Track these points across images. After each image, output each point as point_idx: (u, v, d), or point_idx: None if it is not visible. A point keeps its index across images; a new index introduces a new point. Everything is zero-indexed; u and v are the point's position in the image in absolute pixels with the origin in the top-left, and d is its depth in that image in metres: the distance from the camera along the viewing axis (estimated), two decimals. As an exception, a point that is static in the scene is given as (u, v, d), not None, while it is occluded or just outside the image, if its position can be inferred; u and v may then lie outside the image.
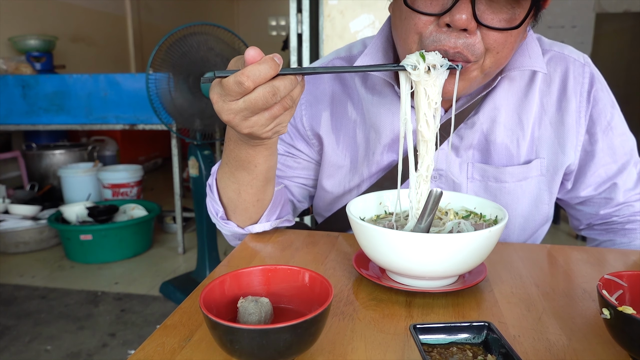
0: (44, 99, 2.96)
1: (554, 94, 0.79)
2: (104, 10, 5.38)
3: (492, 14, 0.62)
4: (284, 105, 0.55)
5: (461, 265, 0.55)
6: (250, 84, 0.51)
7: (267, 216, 0.79)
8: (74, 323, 2.18)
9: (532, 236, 0.86)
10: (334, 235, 0.81)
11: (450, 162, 0.81)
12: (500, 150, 0.79)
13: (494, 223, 0.62)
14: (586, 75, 0.79)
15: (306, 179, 0.91)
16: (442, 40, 0.63)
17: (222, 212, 0.79)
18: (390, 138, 0.82)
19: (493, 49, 0.64)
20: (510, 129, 0.79)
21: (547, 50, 0.80)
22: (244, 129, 0.56)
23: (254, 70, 0.51)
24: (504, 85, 0.78)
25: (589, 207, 0.88)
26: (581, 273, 0.66)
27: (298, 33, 2.15)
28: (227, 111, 0.55)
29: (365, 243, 0.59)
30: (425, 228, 0.56)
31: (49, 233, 3.05)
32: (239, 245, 0.77)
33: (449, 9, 0.61)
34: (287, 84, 0.53)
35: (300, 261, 0.70)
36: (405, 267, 0.56)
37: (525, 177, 0.80)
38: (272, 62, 0.51)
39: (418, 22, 0.65)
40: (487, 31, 0.63)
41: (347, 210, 0.62)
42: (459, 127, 0.79)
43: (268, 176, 0.73)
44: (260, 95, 0.52)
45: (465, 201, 0.69)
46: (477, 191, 0.81)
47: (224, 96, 0.54)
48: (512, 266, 0.68)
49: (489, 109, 0.78)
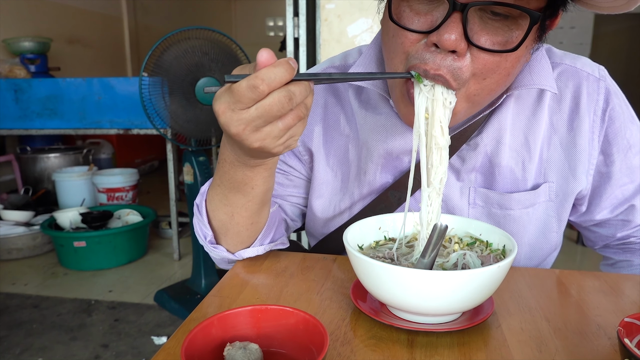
0: (37, 103, 2.91)
1: (565, 112, 0.73)
2: (99, 11, 5.33)
3: (487, 34, 0.55)
4: (298, 115, 0.49)
5: (467, 303, 0.51)
6: (265, 87, 0.46)
7: (261, 239, 0.74)
8: (67, 333, 2.14)
9: (539, 265, 0.81)
10: (330, 258, 0.77)
11: (451, 186, 0.75)
12: (505, 173, 0.73)
13: (502, 254, 0.58)
14: (601, 91, 0.72)
15: (299, 197, 0.86)
16: (426, 59, 0.56)
17: (210, 236, 0.74)
18: (384, 157, 0.76)
19: (479, 74, 0.57)
20: (515, 150, 0.72)
21: (558, 63, 0.73)
22: (254, 142, 0.50)
23: (269, 73, 0.46)
24: (510, 104, 0.72)
25: (605, 229, 0.82)
26: (594, 304, 0.62)
27: (295, 37, 2.11)
28: (237, 122, 0.48)
29: (363, 277, 0.55)
30: (429, 263, 0.52)
31: (42, 239, 3.00)
32: (230, 272, 0.73)
33: (437, 26, 0.54)
34: (302, 89, 0.48)
35: (294, 290, 0.66)
36: (407, 304, 0.52)
37: (532, 204, 0.74)
38: (287, 65, 0.46)
39: (405, 40, 0.59)
40: (478, 53, 0.56)
41: (344, 240, 0.57)
42: (460, 148, 0.72)
43: (265, 199, 0.68)
44: (276, 101, 0.47)
45: (470, 227, 0.65)
46: (479, 218, 0.75)
47: (233, 104, 0.48)
48: (520, 296, 0.64)
49: (494, 129, 0.72)
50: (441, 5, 0.55)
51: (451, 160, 0.74)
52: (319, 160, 0.81)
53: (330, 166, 0.81)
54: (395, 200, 0.76)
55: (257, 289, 0.66)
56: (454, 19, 0.53)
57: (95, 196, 3.47)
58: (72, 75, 4.41)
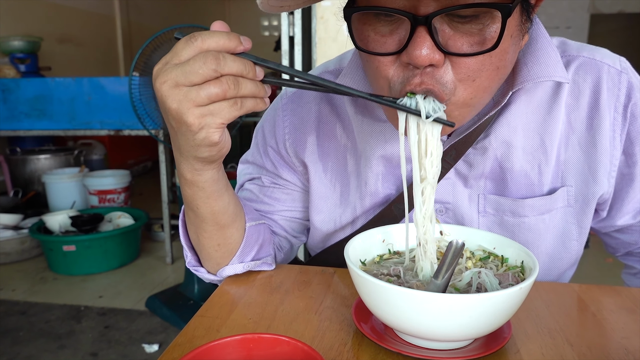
0: (25, 103, 2.83)
1: (584, 109, 0.66)
2: (91, 10, 5.24)
3: (461, 39, 0.50)
4: (223, 88, 0.46)
5: (484, 328, 0.46)
6: (199, 42, 0.46)
7: (240, 257, 0.68)
8: (55, 341, 2.07)
9: (558, 279, 0.75)
10: (329, 272, 0.71)
11: (458, 194, 0.69)
12: (519, 178, 0.67)
13: (521, 272, 0.52)
14: (623, 84, 0.65)
15: (299, 211, 0.80)
16: (409, 80, 0.52)
17: (190, 257, 0.70)
18: (383, 165, 0.70)
19: (467, 78, 0.52)
20: (530, 153, 0.66)
21: (575, 56, 0.66)
22: (172, 101, 0.47)
23: (208, 32, 0.47)
24: (521, 101, 0.65)
25: (628, 235, 0.75)
26: (619, 324, 0.57)
27: (290, 35, 2.05)
28: (164, 74, 0.47)
29: (367, 298, 0.49)
30: (442, 285, 0.46)
31: (31, 243, 2.92)
32: (220, 288, 0.67)
33: (405, 45, 0.50)
34: (236, 63, 0.46)
35: (290, 309, 0.60)
36: (416, 329, 0.46)
37: (549, 210, 0.67)
38: (232, 35, 0.47)
39: (379, 65, 0.54)
40: (458, 59, 0.51)
41: (345, 255, 0.52)
42: (467, 153, 0.66)
43: (218, 221, 0.63)
44: (200, 57, 0.45)
45: (482, 239, 0.59)
46: (491, 227, 0.69)
47: (169, 56, 0.48)
48: (538, 316, 0.58)
49: (503, 131, 0.65)
50: (403, 23, 0.51)
51: (457, 166, 0.68)
52: (315, 174, 0.75)
53: (328, 179, 0.75)
54: (399, 214, 0.70)
55: (249, 308, 0.61)
56: (419, 33, 0.48)
57: (86, 198, 3.39)
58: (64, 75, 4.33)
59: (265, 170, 0.79)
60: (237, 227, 0.67)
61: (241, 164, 0.83)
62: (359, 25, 0.54)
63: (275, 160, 0.78)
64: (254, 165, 0.81)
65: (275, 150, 0.77)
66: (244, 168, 0.82)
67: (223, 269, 0.68)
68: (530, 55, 0.62)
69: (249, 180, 0.81)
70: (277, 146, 0.77)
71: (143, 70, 2.04)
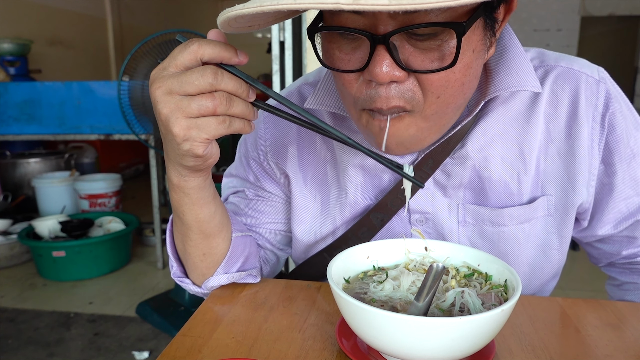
0: (13, 107, 2.80)
1: (563, 118, 0.66)
2: (82, 12, 5.21)
3: (420, 55, 0.50)
4: (214, 104, 0.47)
5: (466, 350, 0.45)
6: (195, 47, 0.46)
7: (225, 268, 0.68)
8: (44, 349, 2.05)
9: (540, 289, 0.75)
10: (315, 287, 0.70)
11: (437, 204, 0.69)
12: (498, 188, 0.67)
13: (504, 291, 0.52)
14: (601, 94, 0.65)
15: (283, 224, 0.80)
16: (373, 98, 0.52)
17: (175, 268, 0.70)
18: (362, 175, 0.71)
19: (431, 93, 0.52)
20: (509, 162, 0.66)
21: (553, 66, 0.66)
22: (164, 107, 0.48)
23: (207, 41, 0.47)
24: (498, 111, 0.65)
25: (609, 245, 0.75)
26: (602, 341, 0.56)
27: (280, 41, 2.04)
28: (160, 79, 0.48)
29: (349, 319, 0.49)
30: (423, 308, 0.46)
31: (20, 249, 2.90)
32: (203, 304, 0.66)
33: (367, 63, 0.50)
34: (232, 81, 0.47)
35: (274, 327, 0.59)
36: (398, 351, 0.46)
37: (529, 219, 0.67)
38: (228, 46, 0.47)
39: (344, 81, 0.55)
40: (422, 75, 0.51)
41: (328, 275, 0.51)
42: (444, 163, 0.67)
43: (203, 229, 0.64)
44: (198, 70, 0.46)
45: (467, 255, 0.59)
46: (471, 237, 0.69)
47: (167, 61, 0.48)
48: (523, 332, 0.58)
49: (480, 141, 0.65)
50: (364, 42, 0.51)
51: (435, 176, 0.68)
52: (296, 185, 0.75)
53: (309, 189, 0.75)
54: (377, 223, 0.71)
55: (232, 326, 0.60)
56: (379, 51, 0.49)
57: (76, 202, 3.36)
58: (54, 77, 4.30)
59: (249, 183, 0.79)
60: (223, 238, 0.67)
61: (225, 178, 0.83)
62: (324, 43, 0.55)
63: (257, 172, 0.78)
64: (237, 179, 0.81)
65: (257, 163, 0.77)
66: (228, 182, 0.82)
67: (208, 280, 0.68)
68: (503, 66, 0.62)
69: (233, 194, 0.81)
70: (259, 158, 0.77)
71: (133, 75, 2.03)
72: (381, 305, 0.51)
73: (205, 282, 0.69)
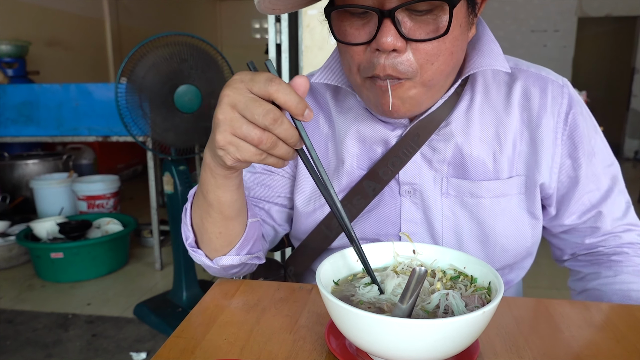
0: (11, 109, 2.82)
1: (534, 109, 0.76)
2: (80, 13, 5.22)
3: (419, 28, 0.62)
4: (261, 139, 0.51)
5: (449, 350, 0.47)
6: (275, 86, 0.49)
7: (238, 250, 0.74)
8: (42, 350, 2.06)
9: (514, 264, 0.81)
10: (307, 288, 0.72)
11: (423, 176, 0.77)
12: (477, 164, 0.75)
13: (487, 293, 0.54)
14: (565, 95, 0.76)
15: (285, 198, 0.87)
16: (375, 65, 0.63)
17: (191, 239, 0.74)
18: (358, 148, 0.79)
19: (427, 61, 0.63)
20: (486, 142, 0.75)
21: (525, 70, 0.78)
22: (220, 114, 0.52)
23: (288, 86, 0.50)
24: (479, 99, 0.76)
25: (574, 235, 0.84)
26: (585, 341, 0.58)
27: (277, 43, 2.06)
28: (234, 93, 0.51)
29: (336, 321, 0.50)
30: (407, 310, 0.47)
31: (18, 250, 2.91)
32: (198, 305, 0.67)
33: (375, 34, 0.61)
34: (288, 132, 0.51)
35: (265, 329, 0.61)
36: (383, 352, 0.47)
37: (504, 194, 0.75)
38: (303, 102, 0.50)
39: (353, 53, 0.65)
40: (417, 45, 0.62)
41: (317, 278, 0.53)
42: (430, 139, 0.75)
43: (222, 211, 0.68)
44: (265, 105, 0.50)
45: (453, 258, 0.60)
46: (453, 207, 0.76)
47: (248, 80, 0.51)
48: (508, 333, 0.59)
49: (463, 122, 0.75)
50: (372, 17, 0.62)
51: (422, 150, 0.76)
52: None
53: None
54: (370, 192, 0.77)
55: (225, 328, 0.61)
56: (385, 24, 0.60)
57: (75, 204, 3.38)
58: (52, 79, 4.32)
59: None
60: (239, 222, 0.72)
61: None
62: (337, 22, 0.66)
63: None
64: None
65: None
66: None
67: (221, 258, 0.74)
68: (477, 50, 0.73)
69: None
70: None
71: (130, 78, 2.04)
72: (368, 307, 0.53)
73: (218, 259, 0.74)
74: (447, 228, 0.76)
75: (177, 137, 2.10)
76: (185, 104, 2.04)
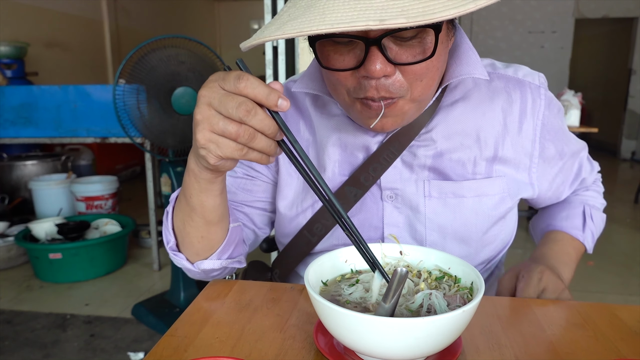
0: (10, 111, 2.83)
1: (516, 114, 0.79)
2: (79, 14, 5.23)
3: (405, 52, 0.62)
4: (239, 133, 0.52)
5: (432, 348, 0.49)
6: (244, 82, 0.50)
7: (219, 254, 0.76)
8: (40, 350, 2.07)
9: (494, 257, 0.84)
10: (297, 289, 0.74)
11: (405, 180, 0.78)
12: (457, 167, 0.77)
13: (469, 293, 0.56)
14: (542, 97, 0.79)
15: (266, 203, 0.88)
16: (367, 88, 0.63)
17: (172, 242, 0.75)
18: (339, 155, 0.80)
19: (416, 79, 0.65)
20: (467, 146, 0.77)
21: (502, 75, 0.80)
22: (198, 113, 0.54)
23: (257, 80, 0.51)
24: (459, 104, 0.78)
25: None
26: (566, 340, 0.60)
27: (274, 46, 2.08)
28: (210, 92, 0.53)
29: (323, 319, 0.52)
30: (390, 309, 0.49)
31: (17, 251, 2.92)
32: (191, 306, 0.69)
33: (362, 62, 0.61)
34: (263, 123, 0.52)
35: (257, 328, 0.63)
36: (368, 350, 0.49)
37: (486, 194, 0.78)
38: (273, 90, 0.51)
39: (339, 78, 0.65)
40: (405, 67, 0.63)
41: (305, 278, 0.55)
42: (411, 144, 0.77)
43: (205, 216, 0.69)
44: (237, 98, 0.51)
45: (439, 259, 0.62)
46: (436, 208, 0.78)
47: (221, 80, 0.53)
48: (491, 331, 0.61)
49: (444, 127, 0.77)
50: (358, 44, 0.62)
51: (403, 156, 0.78)
52: (283, 165, 0.84)
53: (293, 169, 0.84)
54: (352, 197, 0.79)
55: (217, 327, 0.63)
56: (373, 51, 0.59)
57: (73, 205, 3.39)
58: (51, 80, 4.33)
59: (240, 162, 0.86)
60: (222, 226, 0.73)
61: None
62: (321, 49, 0.65)
63: None
64: None
65: None
66: None
67: (202, 262, 0.75)
68: (456, 58, 0.74)
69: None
70: None
71: (128, 80, 2.06)
72: (354, 307, 0.55)
73: (199, 263, 0.75)
74: (430, 229, 0.78)
75: (175, 139, 2.11)
76: (183, 105, 2.06)
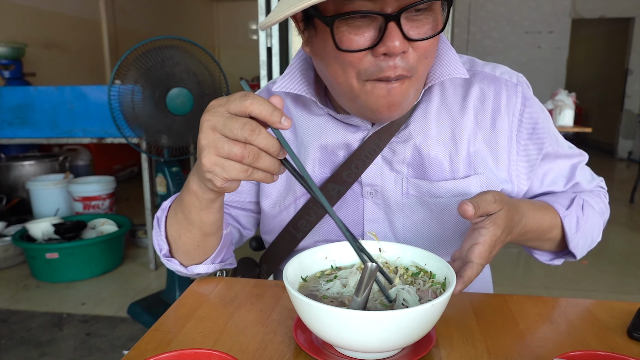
0: (7, 111, 2.85)
1: (489, 111, 0.79)
2: (77, 15, 5.25)
3: (419, 28, 0.63)
4: (243, 154, 0.53)
5: (403, 341, 0.51)
6: (249, 100, 0.52)
7: (213, 259, 0.78)
8: (36, 349, 2.09)
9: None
10: (282, 285, 0.76)
11: (385, 177, 0.79)
12: (435, 164, 0.78)
13: (442, 288, 0.57)
14: (518, 95, 0.79)
15: (252, 204, 0.90)
16: (384, 68, 0.64)
17: (166, 250, 0.77)
18: (320, 153, 0.81)
19: (422, 56, 0.66)
20: (443, 143, 0.78)
21: (479, 71, 0.81)
22: (203, 138, 0.55)
23: (262, 99, 0.52)
24: (435, 101, 0.79)
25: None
26: (537, 333, 0.62)
27: (267, 47, 2.10)
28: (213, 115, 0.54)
29: (300, 313, 0.54)
30: (362, 302, 0.51)
31: (14, 251, 2.94)
32: (178, 301, 0.71)
33: (380, 38, 0.61)
34: (267, 141, 0.53)
35: (239, 322, 0.64)
36: (341, 342, 0.51)
37: (463, 193, 0.78)
38: (278, 111, 0.52)
39: (352, 59, 0.64)
40: (418, 43, 0.64)
41: (284, 274, 0.57)
42: (391, 141, 0.78)
43: (203, 230, 0.71)
44: (241, 120, 0.52)
45: (415, 255, 0.64)
46: (414, 207, 0.79)
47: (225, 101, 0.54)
48: (465, 325, 0.63)
49: (421, 124, 0.78)
50: (375, 20, 0.62)
51: (383, 153, 0.79)
52: None
53: None
54: (334, 194, 0.80)
55: (201, 322, 0.65)
56: (391, 27, 0.60)
57: (71, 205, 3.41)
58: (49, 81, 4.34)
59: None
60: (217, 236, 0.76)
61: None
62: (336, 30, 0.64)
63: None
64: None
65: None
66: None
67: (196, 267, 0.78)
68: (436, 59, 0.75)
69: None
70: None
71: (124, 80, 2.08)
72: (331, 302, 0.57)
73: (193, 268, 0.78)
74: (407, 227, 0.80)
75: (170, 139, 2.13)
76: (178, 106, 2.08)
